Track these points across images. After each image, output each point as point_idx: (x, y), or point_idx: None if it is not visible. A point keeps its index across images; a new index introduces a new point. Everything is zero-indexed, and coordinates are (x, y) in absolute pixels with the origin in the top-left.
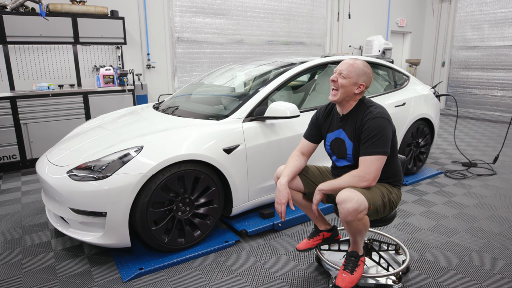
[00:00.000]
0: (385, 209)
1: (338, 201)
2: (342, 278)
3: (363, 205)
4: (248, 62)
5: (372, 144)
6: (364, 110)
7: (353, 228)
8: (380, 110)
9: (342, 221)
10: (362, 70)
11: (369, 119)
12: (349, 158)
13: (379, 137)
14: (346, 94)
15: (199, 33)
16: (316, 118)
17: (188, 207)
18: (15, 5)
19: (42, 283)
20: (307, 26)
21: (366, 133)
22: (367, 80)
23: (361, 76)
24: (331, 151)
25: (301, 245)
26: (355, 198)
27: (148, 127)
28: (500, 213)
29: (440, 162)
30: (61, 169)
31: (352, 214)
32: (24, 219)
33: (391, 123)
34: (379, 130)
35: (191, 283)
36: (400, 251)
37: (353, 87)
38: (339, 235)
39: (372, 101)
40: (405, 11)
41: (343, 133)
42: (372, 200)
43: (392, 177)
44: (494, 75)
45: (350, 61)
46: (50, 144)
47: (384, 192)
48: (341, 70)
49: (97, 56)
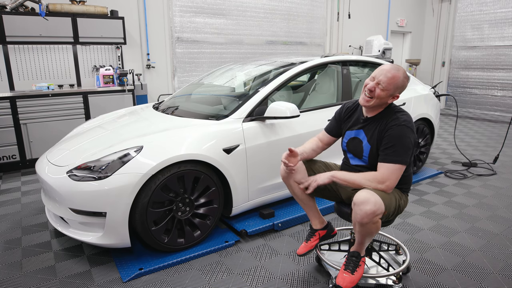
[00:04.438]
0: (393, 215)
1: (356, 202)
2: (342, 278)
3: (380, 208)
4: (248, 62)
5: (394, 152)
6: (391, 115)
7: (366, 230)
8: (406, 118)
9: (356, 222)
10: (402, 83)
11: (394, 125)
12: (364, 159)
13: (401, 145)
14: (380, 103)
15: (199, 33)
16: (339, 113)
17: (188, 207)
18: (15, 5)
19: (42, 283)
20: (307, 26)
21: (389, 139)
22: (401, 91)
23: (398, 89)
24: (347, 148)
25: (300, 250)
26: (373, 201)
27: (148, 127)
28: (500, 213)
29: (440, 162)
30: (61, 169)
31: (369, 217)
32: (24, 219)
33: (414, 133)
34: (403, 138)
35: (191, 283)
36: (400, 251)
37: (388, 98)
38: (335, 230)
39: (400, 107)
40: (405, 11)
41: (362, 134)
42: (389, 205)
43: (404, 184)
44: (494, 75)
45: (392, 71)
46: (49, 144)
47: (397, 198)
48: (380, 80)
49: (97, 56)
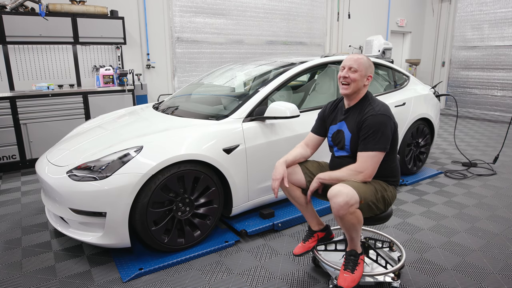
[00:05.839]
0: (379, 206)
1: (330, 196)
2: (343, 278)
3: (353, 199)
4: (248, 62)
5: (371, 140)
6: (366, 105)
7: (347, 222)
8: (381, 108)
9: (335, 216)
10: (368, 62)
11: (370, 115)
12: (346, 149)
13: (378, 134)
14: (357, 87)
15: (199, 33)
16: (323, 111)
17: (188, 207)
18: (15, 5)
19: (42, 283)
20: (307, 26)
21: (366, 129)
22: (372, 71)
23: (368, 68)
24: (332, 142)
25: (297, 250)
26: (345, 192)
27: (147, 127)
28: (500, 213)
29: (440, 162)
30: (61, 169)
31: (344, 208)
32: (24, 219)
33: (392, 120)
34: (379, 127)
35: (191, 283)
36: (394, 248)
37: (363, 79)
38: (333, 234)
39: (376, 98)
40: (405, 11)
41: (344, 125)
42: (364, 194)
43: (389, 175)
44: (494, 75)
45: (355, 56)
46: (49, 144)
47: (378, 188)
48: (350, 65)
49: (96, 56)
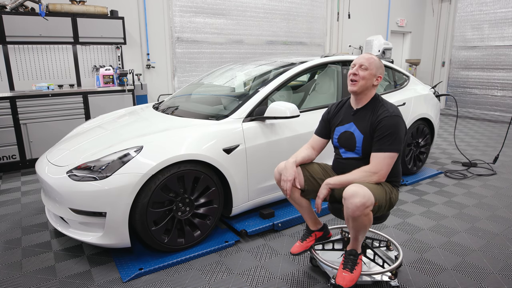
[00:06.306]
0: (385, 208)
1: (346, 196)
2: (342, 277)
3: (370, 200)
4: (248, 62)
5: (386, 141)
6: (379, 106)
7: (359, 224)
8: (395, 109)
9: (348, 216)
10: (379, 63)
11: (385, 116)
12: (357, 151)
13: (394, 135)
14: (366, 85)
15: (199, 33)
16: (327, 113)
17: (188, 207)
18: (15, 5)
19: (42, 284)
20: (307, 26)
21: (382, 130)
22: (382, 73)
23: (378, 68)
24: (338, 144)
25: (295, 249)
26: (362, 193)
27: (148, 127)
28: (500, 213)
29: (440, 162)
30: (61, 169)
31: (360, 209)
32: (24, 219)
33: (404, 123)
34: (395, 128)
35: (191, 283)
36: (391, 247)
37: (372, 78)
38: (330, 233)
39: (385, 99)
40: (405, 11)
41: (353, 126)
42: (378, 196)
43: (394, 177)
44: (494, 75)
45: (367, 55)
46: (49, 144)
47: (387, 190)
48: (361, 63)
49: (96, 56)
